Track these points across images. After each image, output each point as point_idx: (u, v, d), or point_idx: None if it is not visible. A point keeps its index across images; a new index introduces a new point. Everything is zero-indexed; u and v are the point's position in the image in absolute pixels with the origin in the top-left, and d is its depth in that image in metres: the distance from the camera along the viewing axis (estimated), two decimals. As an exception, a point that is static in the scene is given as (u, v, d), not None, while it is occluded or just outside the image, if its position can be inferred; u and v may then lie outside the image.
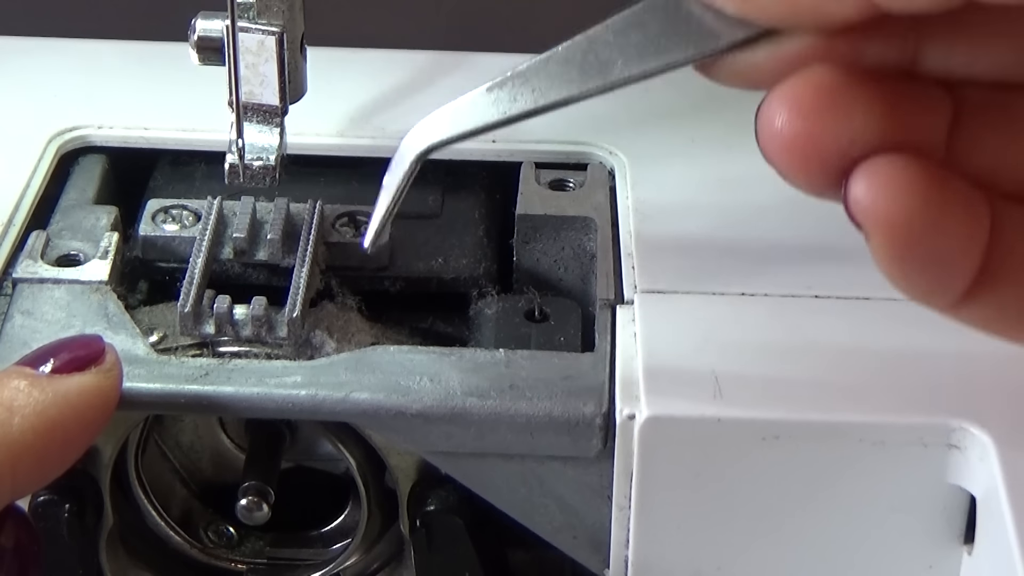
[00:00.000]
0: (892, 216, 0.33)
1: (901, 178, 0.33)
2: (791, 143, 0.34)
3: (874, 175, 0.33)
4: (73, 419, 0.39)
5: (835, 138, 0.34)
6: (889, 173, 0.33)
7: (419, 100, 0.56)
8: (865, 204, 0.34)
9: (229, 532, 0.51)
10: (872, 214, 0.34)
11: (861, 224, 0.34)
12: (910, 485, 0.42)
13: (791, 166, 0.34)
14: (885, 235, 0.34)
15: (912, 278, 0.34)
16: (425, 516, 0.46)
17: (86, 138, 0.54)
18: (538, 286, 0.49)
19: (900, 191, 0.33)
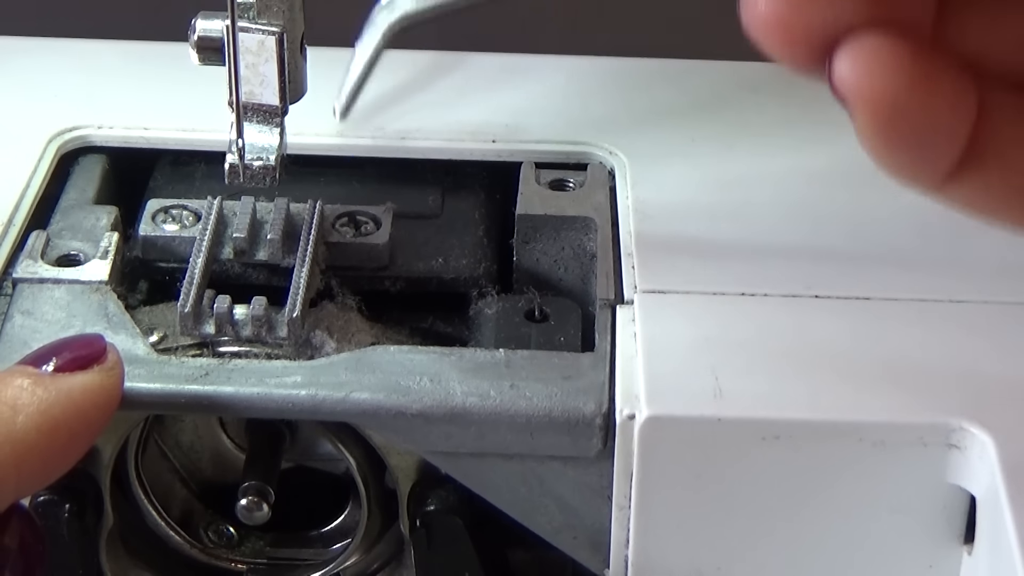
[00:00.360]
0: (877, 92, 0.33)
1: (886, 54, 0.33)
2: (775, 22, 0.33)
3: (859, 52, 0.33)
4: (76, 417, 0.39)
5: (819, 16, 0.33)
6: (874, 49, 0.33)
7: (419, 100, 0.56)
8: (849, 80, 0.33)
9: (229, 532, 0.51)
10: (856, 90, 0.33)
11: (845, 100, 0.34)
12: (910, 485, 0.42)
13: (776, 45, 0.34)
14: (870, 111, 0.33)
15: (896, 156, 0.34)
16: (425, 516, 0.46)
17: (86, 138, 0.54)
18: (538, 286, 0.49)
19: (885, 67, 0.33)
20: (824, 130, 0.53)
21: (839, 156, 0.51)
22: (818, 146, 0.53)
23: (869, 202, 0.50)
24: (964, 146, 0.34)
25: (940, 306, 0.46)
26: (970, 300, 0.46)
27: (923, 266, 0.48)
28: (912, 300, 0.46)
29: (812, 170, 0.52)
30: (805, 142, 0.54)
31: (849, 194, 0.51)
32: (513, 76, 0.58)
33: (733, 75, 0.58)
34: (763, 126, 0.56)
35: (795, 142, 0.54)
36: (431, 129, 0.54)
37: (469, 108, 0.56)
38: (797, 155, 0.53)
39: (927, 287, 0.47)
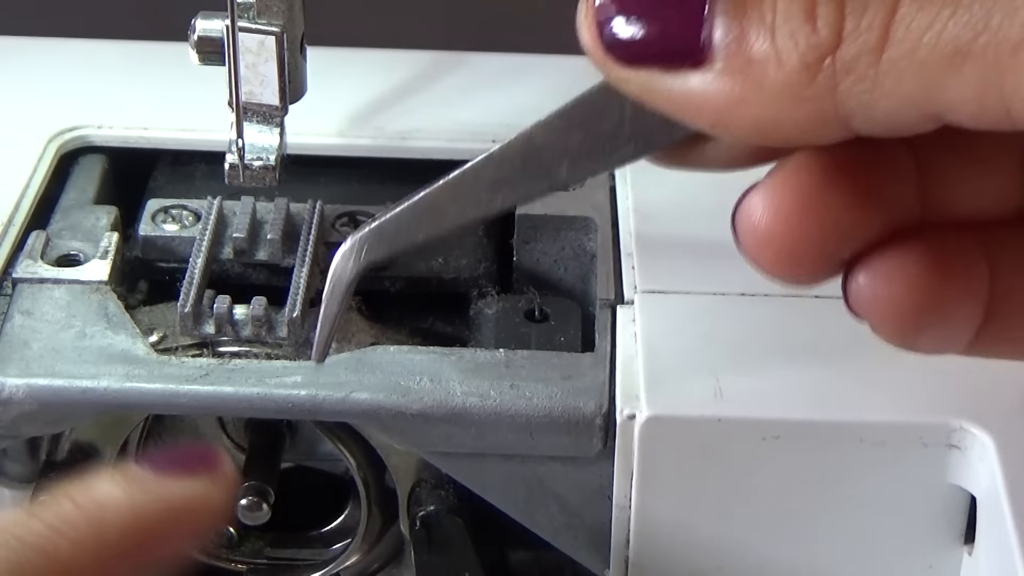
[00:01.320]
0: (895, 312, 0.34)
1: (900, 273, 0.34)
2: (779, 249, 0.34)
3: (873, 273, 0.34)
4: (170, 524, 0.36)
5: (822, 238, 0.34)
6: (888, 269, 0.34)
7: (419, 100, 0.56)
8: (869, 302, 0.34)
9: (229, 532, 0.51)
10: (877, 312, 0.34)
11: (865, 318, 0.35)
12: (910, 485, 0.42)
13: (777, 267, 0.34)
14: (890, 328, 0.35)
15: (919, 349, 0.36)
16: (425, 516, 0.46)
17: (86, 138, 0.54)
18: (538, 286, 0.49)
19: (901, 287, 0.34)
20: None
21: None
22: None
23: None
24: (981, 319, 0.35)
25: (940, 306, 0.46)
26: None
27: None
28: (912, 300, 0.46)
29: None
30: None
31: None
32: (513, 76, 0.58)
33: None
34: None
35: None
36: (431, 129, 0.54)
37: (469, 108, 0.56)
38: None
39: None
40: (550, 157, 0.34)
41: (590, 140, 0.34)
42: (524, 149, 0.35)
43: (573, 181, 0.35)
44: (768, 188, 0.34)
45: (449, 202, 0.36)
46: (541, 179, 0.35)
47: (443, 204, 0.36)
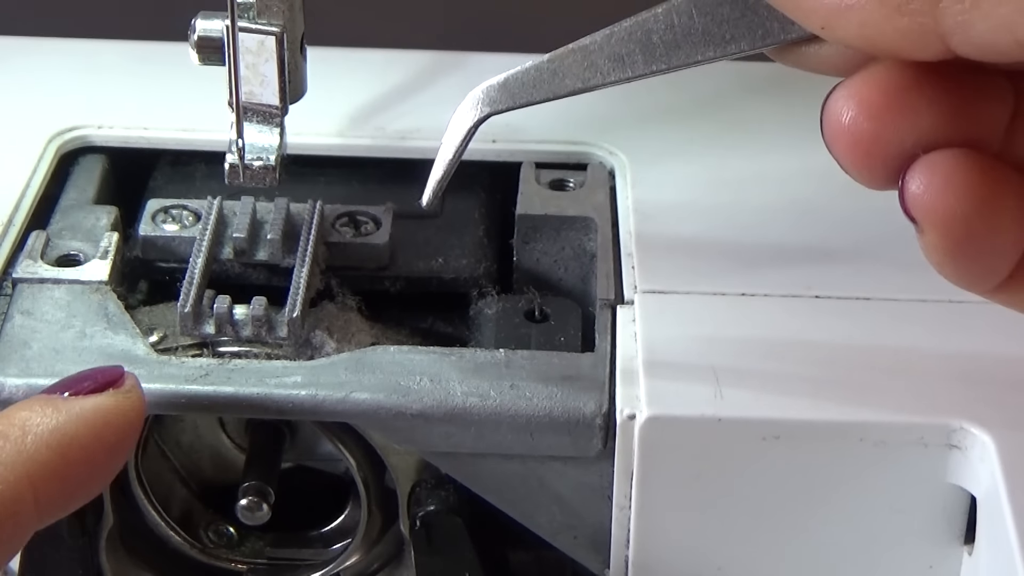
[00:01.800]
0: (948, 214, 0.34)
1: (957, 176, 0.34)
2: (857, 141, 0.34)
3: (931, 173, 0.34)
4: (91, 437, 0.39)
5: (900, 138, 0.34)
6: (946, 171, 0.34)
7: (419, 100, 0.56)
8: (922, 202, 0.34)
9: (229, 532, 0.51)
10: (929, 212, 0.34)
11: (916, 219, 0.35)
12: (910, 485, 0.42)
13: (855, 162, 0.35)
14: (940, 232, 0.34)
15: (960, 270, 0.35)
16: (425, 516, 0.46)
17: (86, 138, 0.54)
18: (538, 286, 0.49)
19: (956, 190, 0.34)
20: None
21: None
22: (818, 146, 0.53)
23: (869, 202, 0.50)
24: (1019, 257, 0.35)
25: (940, 306, 0.46)
26: (970, 300, 0.46)
27: (923, 266, 0.47)
28: (912, 300, 0.46)
29: (812, 170, 0.52)
30: (805, 142, 0.54)
31: (849, 194, 0.51)
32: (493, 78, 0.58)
33: (733, 75, 0.58)
34: (763, 126, 0.56)
35: (795, 142, 0.54)
36: (431, 129, 0.54)
37: (469, 108, 0.56)
38: (797, 155, 0.53)
39: (927, 287, 0.46)
40: (671, 38, 0.36)
41: (712, 26, 0.36)
42: (648, 27, 0.36)
43: (687, 64, 0.36)
44: (857, 82, 0.34)
45: (571, 68, 0.38)
46: (659, 59, 0.36)
47: (566, 69, 0.38)
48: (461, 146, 0.40)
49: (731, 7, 0.35)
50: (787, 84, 0.57)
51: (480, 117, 0.40)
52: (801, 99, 0.56)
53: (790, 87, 0.57)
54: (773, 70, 0.56)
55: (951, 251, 0.35)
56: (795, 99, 0.56)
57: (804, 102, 0.55)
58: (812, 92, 0.56)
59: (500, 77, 0.39)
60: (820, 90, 0.35)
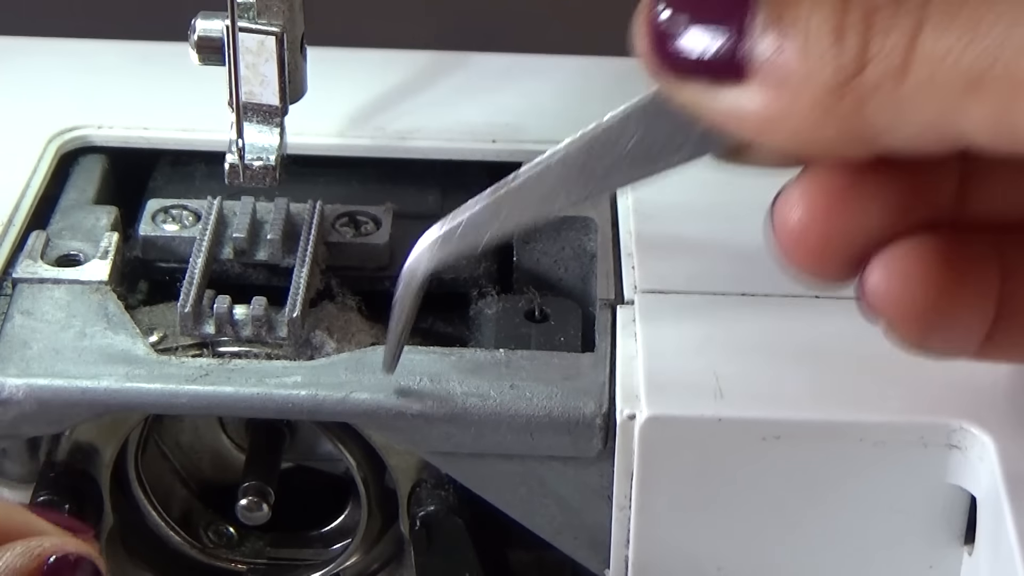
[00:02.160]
0: (910, 311, 0.35)
1: (914, 271, 0.35)
2: (807, 245, 0.35)
3: (887, 272, 0.35)
4: None
5: (851, 236, 0.35)
6: (903, 268, 0.35)
7: (419, 100, 0.56)
8: (882, 301, 0.35)
9: (229, 532, 0.51)
10: (889, 310, 0.35)
11: (878, 315, 0.35)
12: (910, 485, 0.42)
13: (808, 264, 0.35)
14: (904, 328, 0.35)
15: (930, 352, 0.36)
16: (425, 516, 0.46)
17: (86, 138, 0.54)
18: (538, 286, 0.49)
19: (915, 285, 0.35)
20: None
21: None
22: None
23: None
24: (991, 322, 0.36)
25: (940, 306, 0.46)
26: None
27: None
28: (912, 300, 0.46)
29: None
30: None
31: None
32: (513, 76, 0.58)
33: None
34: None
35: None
36: (431, 129, 0.54)
37: (469, 108, 0.56)
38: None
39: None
40: (608, 162, 0.36)
41: (646, 145, 0.36)
42: (583, 153, 0.36)
43: (628, 183, 0.37)
44: (801, 186, 0.35)
45: (509, 207, 0.38)
46: (599, 182, 0.36)
47: (503, 209, 0.38)
48: (415, 304, 0.40)
49: (669, 124, 0.35)
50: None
51: (428, 272, 0.39)
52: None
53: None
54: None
55: (917, 341, 0.36)
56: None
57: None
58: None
59: (442, 230, 0.39)
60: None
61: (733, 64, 0.32)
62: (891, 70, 0.31)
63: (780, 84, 0.32)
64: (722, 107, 0.33)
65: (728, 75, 0.32)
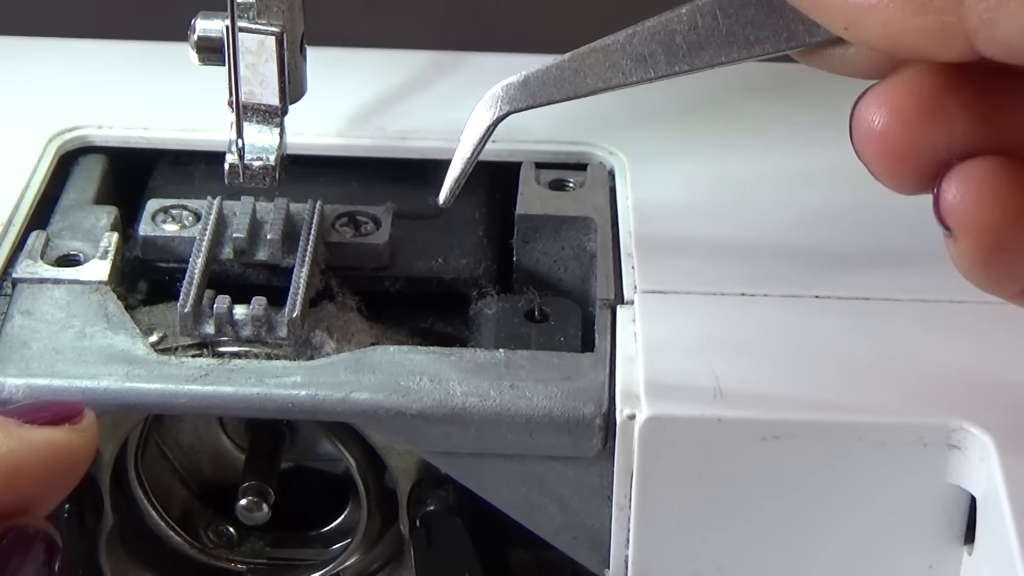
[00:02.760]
0: (984, 224, 0.34)
1: (993, 187, 0.34)
2: (889, 148, 0.34)
3: (967, 183, 0.34)
4: (37, 468, 0.38)
5: (933, 145, 0.34)
6: (981, 182, 0.34)
7: (419, 100, 0.56)
8: (958, 212, 0.34)
9: (229, 532, 0.51)
10: (964, 222, 0.34)
11: (951, 228, 0.34)
12: (910, 485, 0.42)
13: (887, 169, 0.34)
14: (974, 241, 0.34)
15: (990, 277, 0.35)
16: (425, 516, 0.46)
17: (86, 138, 0.54)
18: (538, 286, 0.49)
19: (992, 200, 0.34)
20: (824, 130, 0.52)
21: (839, 156, 0.51)
22: (818, 146, 0.53)
23: (869, 202, 0.50)
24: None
25: (940, 306, 0.46)
26: (970, 300, 0.46)
27: (923, 266, 0.48)
28: (912, 300, 0.46)
29: (812, 170, 0.52)
30: (805, 142, 0.54)
31: (849, 194, 0.51)
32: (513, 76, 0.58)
33: (733, 75, 0.58)
34: (763, 126, 0.56)
35: (795, 142, 0.54)
36: (431, 129, 0.54)
37: (469, 108, 0.56)
38: (797, 155, 0.53)
39: (927, 287, 0.47)
40: (694, 39, 0.36)
41: (736, 27, 0.35)
42: (671, 27, 0.36)
43: (710, 66, 0.36)
44: (889, 87, 0.34)
45: (593, 67, 0.37)
46: (682, 60, 0.36)
47: (587, 68, 0.37)
48: (480, 144, 0.40)
49: (755, 9, 0.35)
50: (788, 84, 0.57)
51: (499, 115, 0.39)
52: (802, 99, 0.56)
53: (791, 87, 0.57)
54: (774, 70, 0.56)
55: (983, 259, 0.34)
56: (796, 99, 0.56)
57: (805, 102, 0.56)
58: (813, 92, 0.57)
59: (520, 75, 0.39)
60: (821, 90, 0.35)
61: None
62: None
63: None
64: None
65: None
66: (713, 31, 0.35)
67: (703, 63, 0.36)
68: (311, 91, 0.49)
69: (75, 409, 0.40)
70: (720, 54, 0.36)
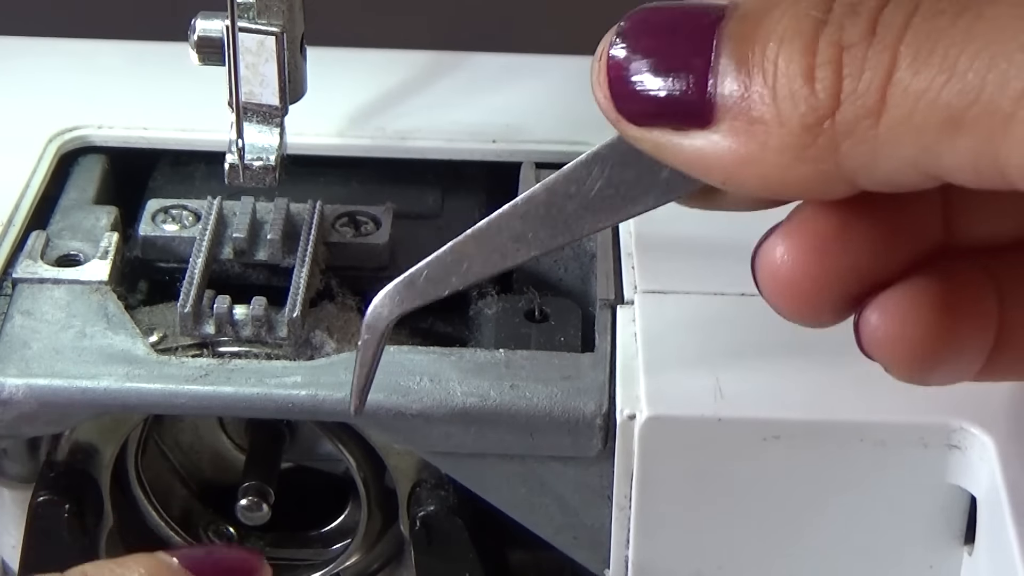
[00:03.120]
0: (909, 353, 0.34)
1: (912, 312, 0.34)
2: (797, 289, 0.34)
3: (885, 314, 0.34)
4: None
5: (842, 278, 0.34)
6: (900, 309, 0.34)
7: (419, 100, 0.56)
8: (881, 344, 0.34)
9: (229, 532, 0.51)
10: (889, 353, 0.34)
11: (876, 358, 0.35)
12: (910, 485, 0.42)
13: (798, 309, 0.35)
14: (903, 367, 0.35)
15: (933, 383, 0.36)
16: (425, 516, 0.46)
17: (86, 138, 0.54)
18: (538, 286, 0.49)
19: (914, 328, 0.34)
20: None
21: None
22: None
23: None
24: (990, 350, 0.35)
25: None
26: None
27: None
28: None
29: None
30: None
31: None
32: (513, 76, 0.58)
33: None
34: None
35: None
36: (431, 129, 0.54)
37: (469, 108, 0.56)
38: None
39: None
40: (572, 208, 0.35)
41: (611, 190, 0.35)
42: (546, 200, 0.36)
43: (593, 231, 0.36)
44: (787, 231, 0.34)
45: (474, 254, 0.37)
46: (563, 231, 0.36)
47: (468, 255, 0.37)
48: (379, 350, 0.39)
49: (634, 168, 0.34)
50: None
51: (392, 319, 0.39)
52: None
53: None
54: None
55: (918, 379, 0.35)
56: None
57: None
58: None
59: (406, 275, 0.38)
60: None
61: (697, 108, 0.31)
62: (866, 110, 0.30)
63: (747, 128, 0.31)
64: (687, 153, 0.32)
65: (692, 120, 0.31)
66: (591, 197, 0.35)
67: (587, 230, 0.36)
68: (311, 91, 0.49)
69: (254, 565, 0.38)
70: (602, 218, 0.35)
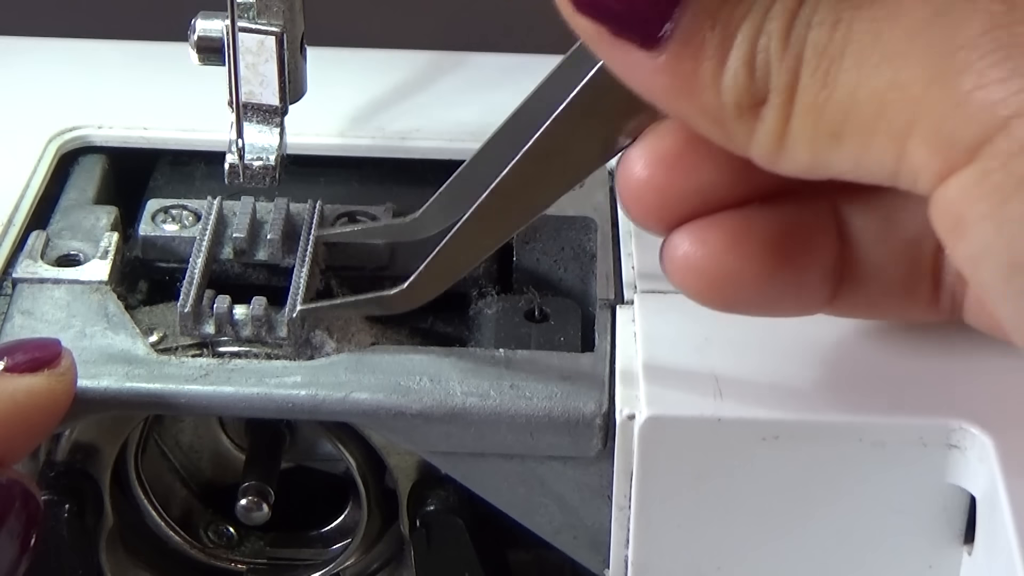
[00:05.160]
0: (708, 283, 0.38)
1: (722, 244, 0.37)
2: (645, 197, 0.37)
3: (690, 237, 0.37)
4: (17, 418, 0.39)
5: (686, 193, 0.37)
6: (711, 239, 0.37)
7: (419, 100, 0.56)
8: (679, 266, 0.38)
9: (229, 532, 0.51)
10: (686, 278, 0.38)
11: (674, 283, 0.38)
12: (910, 485, 0.42)
13: (642, 215, 0.38)
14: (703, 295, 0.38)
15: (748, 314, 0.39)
16: (425, 516, 0.46)
17: (86, 138, 0.54)
18: (538, 286, 0.49)
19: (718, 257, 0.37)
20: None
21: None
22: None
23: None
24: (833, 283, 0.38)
25: (940, 306, 0.46)
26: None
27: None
28: (912, 300, 0.46)
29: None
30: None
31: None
32: (513, 76, 0.58)
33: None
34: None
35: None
36: (431, 129, 0.54)
37: (469, 108, 0.56)
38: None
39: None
40: None
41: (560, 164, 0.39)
42: None
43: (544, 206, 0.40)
44: (646, 143, 0.37)
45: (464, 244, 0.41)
46: None
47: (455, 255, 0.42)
48: None
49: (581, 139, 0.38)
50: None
51: None
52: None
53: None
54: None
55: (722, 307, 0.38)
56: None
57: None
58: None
59: None
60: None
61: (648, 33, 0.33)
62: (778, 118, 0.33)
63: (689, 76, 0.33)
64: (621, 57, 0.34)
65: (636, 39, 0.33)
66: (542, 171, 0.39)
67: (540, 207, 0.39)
68: (311, 91, 0.49)
69: (53, 351, 0.40)
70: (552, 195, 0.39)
